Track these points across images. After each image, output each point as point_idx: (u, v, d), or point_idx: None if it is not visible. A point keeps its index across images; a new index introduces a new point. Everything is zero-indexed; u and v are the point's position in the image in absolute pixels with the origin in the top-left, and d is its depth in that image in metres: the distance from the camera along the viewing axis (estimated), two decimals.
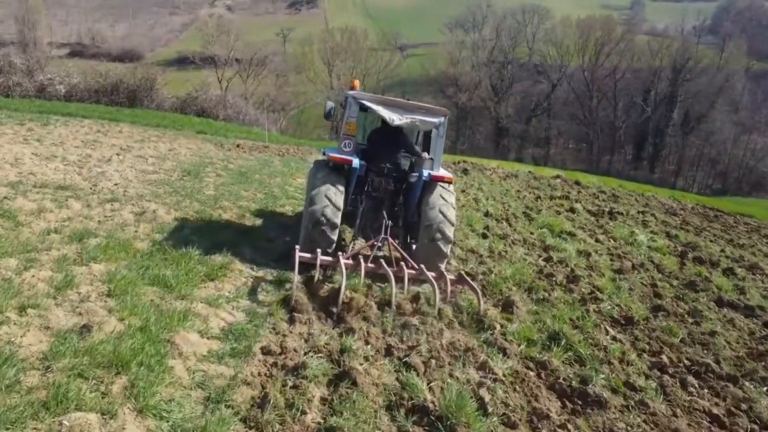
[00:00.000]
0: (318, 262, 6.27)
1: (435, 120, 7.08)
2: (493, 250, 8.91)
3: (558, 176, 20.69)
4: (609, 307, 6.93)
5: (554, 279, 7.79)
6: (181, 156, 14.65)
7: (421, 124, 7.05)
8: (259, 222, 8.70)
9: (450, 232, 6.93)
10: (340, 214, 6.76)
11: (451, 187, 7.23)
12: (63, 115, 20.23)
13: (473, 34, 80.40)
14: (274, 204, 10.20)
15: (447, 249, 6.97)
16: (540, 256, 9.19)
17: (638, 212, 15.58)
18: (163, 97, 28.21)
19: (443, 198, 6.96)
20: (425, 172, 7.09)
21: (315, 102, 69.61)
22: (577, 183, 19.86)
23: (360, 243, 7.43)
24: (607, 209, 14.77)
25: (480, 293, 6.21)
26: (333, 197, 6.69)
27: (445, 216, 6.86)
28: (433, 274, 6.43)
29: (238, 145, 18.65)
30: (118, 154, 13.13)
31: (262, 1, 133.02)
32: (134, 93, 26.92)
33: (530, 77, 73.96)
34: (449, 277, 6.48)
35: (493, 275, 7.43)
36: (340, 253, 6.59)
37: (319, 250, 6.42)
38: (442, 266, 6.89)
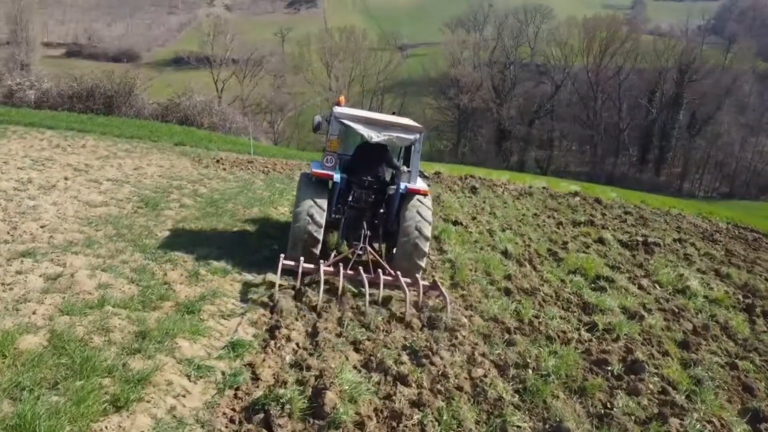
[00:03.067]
0: (300, 270, 6.78)
1: (411, 137, 7.54)
2: (522, 317, 6.88)
3: (576, 193, 18.64)
4: (697, 426, 4.89)
5: (610, 369, 5.76)
6: (147, 177, 12.60)
7: (398, 140, 7.51)
8: (214, 285, 6.61)
9: (426, 236, 7.38)
10: (321, 229, 7.25)
11: (428, 198, 7.66)
12: (25, 125, 18.19)
13: (475, 34, 78.56)
14: (241, 254, 8.02)
15: (425, 250, 7.41)
16: (581, 322, 7.17)
17: (674, 240, 13.56)
18: (142, 103, 26.01)
19: (419, 208, 7.41)
20: (402, 185, 7.56)
21: (313, 103, 67.64)
22: (598, 201, 17.79)
23: (344, 249, 7.87)
24: (640, 238, 12.74)
25: (449, 300, 6.59)
26: (315, 213, 7.18)
27: (421, 223, 7.32)
28: (408, 280, 6.92)
29: (218, 161, 16.58)
30: (66, 178, 11.09)
31: (261, 0, 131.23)
32: (111, 99, 24.77)
33: (533, 78, 72.18)
34: (423, 283, 6.99)
35: (530, 371, 5.39)
36: (321, 261, 7.11)
37: (302, 258, 7.00)
38: (421, 264, 7.45)
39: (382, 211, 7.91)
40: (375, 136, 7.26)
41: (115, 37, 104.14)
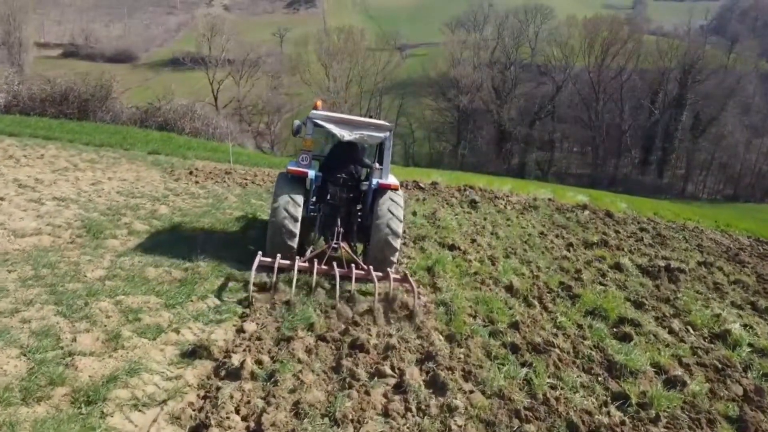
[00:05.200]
0: (276, 266, 6.96)
1: (381, 135, 7.92)
2: (534, 390, 5.38)
3: (585, 206, 17.16)
4: None
5: None
6: (103, 194, 11.11)
7: (369, 138, 7.87)
8: (136, 354, 5.09)
9: (398, 231, 7.67)
10: (298, 223, 7.51)
11: (399, 192, 8.00)
12: None
13: (475, 34, 77.27)
14: (186, 303, 6.36)
15: (396, 246, 7.68)
16: (608, 391, 5.68)
17: (699, 264, 12.10)
18: (120, 108, 24.51)
19: (391, 202, 7.73)
20: (374, 181, 7.89)
21: (311, 104, 66.10)
22: (609, 215, 16.31)
23: (321, 244, 8.20)
24: (661, 263, 11.26)
25: (416, 291, 6.81)
26: (291, 209, 7.45)
27: (393, 217, 7.63)
28: (380, 274, 7.12)
29: (191, 172, 15.09)
30: (2, 199, 9.60)
31: (260, 0, 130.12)
32: (86, 103, 23.25)
33: (534, 79, 70.83)
34: (393, 276, 7.15)
35: None
36: (297, 257, 7.24)
37: (279, 255, 7.16)
38: (394, 259, 7.73)
39: (358, 207, 8.35)
40: (347, 135, 7.66)
41: (112, 38, 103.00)
